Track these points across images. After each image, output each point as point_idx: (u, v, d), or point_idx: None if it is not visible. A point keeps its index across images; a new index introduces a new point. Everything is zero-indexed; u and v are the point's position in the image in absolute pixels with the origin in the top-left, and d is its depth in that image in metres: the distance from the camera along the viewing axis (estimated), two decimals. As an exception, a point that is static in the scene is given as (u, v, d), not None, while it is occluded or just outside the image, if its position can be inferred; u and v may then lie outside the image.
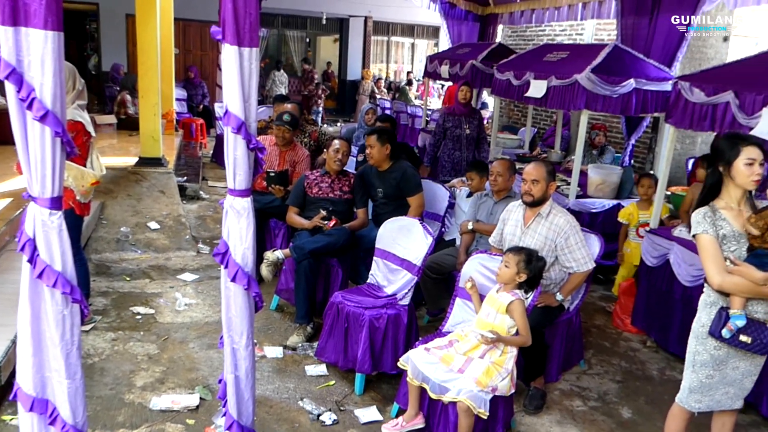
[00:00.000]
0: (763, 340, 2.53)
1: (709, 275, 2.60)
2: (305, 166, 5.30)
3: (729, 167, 2.63)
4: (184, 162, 8.85)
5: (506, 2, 9.12)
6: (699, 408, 2.76)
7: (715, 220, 2.62)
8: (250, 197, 2.29)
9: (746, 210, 2.64)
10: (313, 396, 3.62)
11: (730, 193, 2.66)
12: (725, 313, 2.57)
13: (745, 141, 2.63)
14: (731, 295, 2.58)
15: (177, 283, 5.09)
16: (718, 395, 2.73)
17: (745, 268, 2.51)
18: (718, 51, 7.69)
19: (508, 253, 3.26)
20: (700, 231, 2.62)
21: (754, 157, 2.57)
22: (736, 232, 2.59)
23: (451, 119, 6.52)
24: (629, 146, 7.18)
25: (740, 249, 2.59)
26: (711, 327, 2.61)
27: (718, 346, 2.64)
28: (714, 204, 2.68)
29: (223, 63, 2.12)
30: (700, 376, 2.70)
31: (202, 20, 13.89)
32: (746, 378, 2.71)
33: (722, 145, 2.67)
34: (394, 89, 17.09)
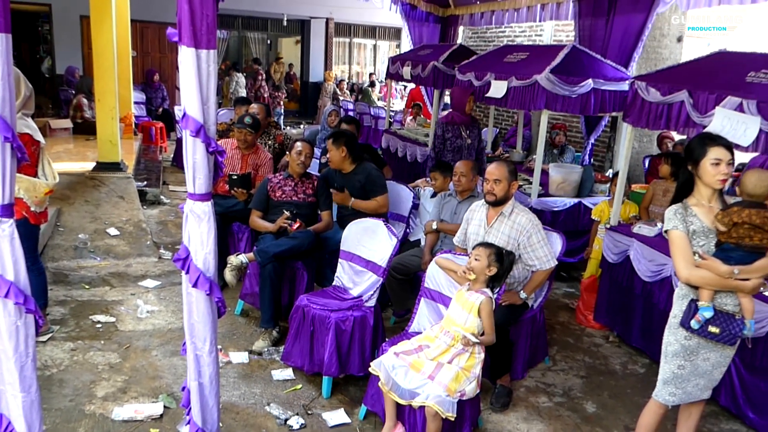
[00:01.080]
0: (731, 331, 2.61)
1: (678, 269, 2.70)
2: (268, 169, 5.24)
3: (697, 166, 2.72)
4: (144, 166, 8.69)
5: (466, 4, 9.19)
6: (673, 401, 2.83)
7: (686, 216, 2.72)
8: (210, 201, 2.25)
9: (717, 207, 2.73)
10: (280, 401, 3.58)
11: (701, 191, 2.76)
12: (694, 305, 2.66)
13: (713, 141, 2.71)
14: (700, 288, 2.67)
15: (138, 290, 4.98)
16: (690, 387, 2.80)
17: (711, 262, 2.61)
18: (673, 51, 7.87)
19: (478, 247, 3.27)
20: (671, 227, 2.72)
21: (721, 157, 2.65)
22: (705, 227, 2.68)
23: (451, 129, 6.14)
24: (589, 145, 7.31)
25: (709, 244, 2.68)
26: (682, 318, 2.71)
27: (688, 336, 2.72)
28: (686, 201, 2.78)
29: (181, 65, 2.08)
30: (672, 367, 2.78)
31: (159, 22, 13.65)
32: (716, 369, 2.79)
33: (692, 145, 2.77)
34: (356, 91, 17.08)
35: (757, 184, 2.73)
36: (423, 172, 7.19)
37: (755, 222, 2.54)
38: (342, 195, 4.64)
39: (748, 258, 2.60)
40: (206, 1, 2.00)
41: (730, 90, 3.55)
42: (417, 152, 8.05)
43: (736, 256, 2.60)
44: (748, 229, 2.55)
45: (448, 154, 6.18)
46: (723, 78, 3.76)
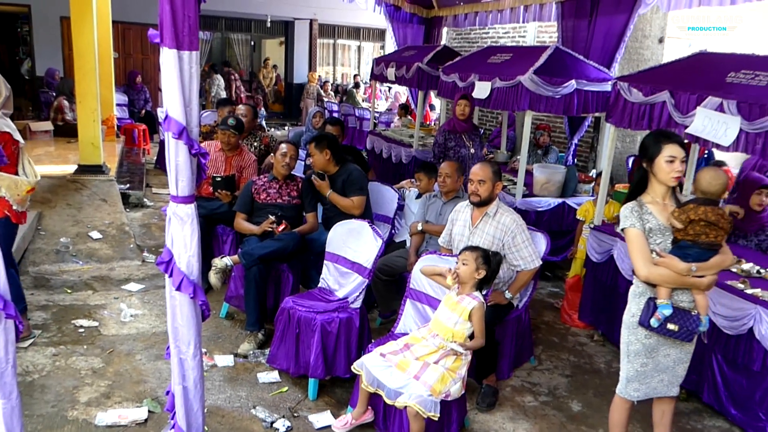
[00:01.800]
0: (688, 328, 2.64)
1: (636, 267, 2.70)
2: (252, 170, 5.22)
3: (652, 164, 2.73)
4: (127, 169, 8.61)
5: (450, 5, 9.21)
6: (638, 396, 2.85)
7: (641, 214, 2.72)
8: (193, 204, 2.24)
9: (671, 204, 2.75)
10: (266, 403, 3.56)
11: (655, 188, 2.77)
12: (653, 303, 2.67)
13: (667, 139, 2.72)
14: (657, 286, 2.68)
15: (122, 294, 4.93)
16: (654, 382, 2.82)
17: (669, 259, 2.63)
18: (654, 52, 7.97)
19: (464, 251, 3.28)
20: (627, 225, 2.72)
21: (675, 154, 2.67)
22: (661, 225, 2.70)
23: (453, 138, 5.81)
24: (572, 146, 7.37)
25: (665, 241, 2.70)
26: (640, 317, 2.72)
27: (648, 335, 2.74)
28: (641, 199, 2.78)
29: (162, 67, 2.07)
30: (636, 365, 2.80)
31: (141, 23, 13.54)
32: (678, 365, 2.81)
33: (647, 142, 2.78)
34: (341, 92, 17.06)
35: (711, 181, 2.74)
36: (408, 173, 7.20)
37: (710, 219, 2.57)
38: (322, 183, 4.62)
39: (704, 255, 2.63)
40: (188, 3, 1.98)
41: (710, 90, 3.59)
42: (402, 153, 8.06)
43: (693, 254, 2.63)
44: (704, 226, 2.58)
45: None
46: (704, 78, 3.81)
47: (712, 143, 3.55)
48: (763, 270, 3.87)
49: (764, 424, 3.33)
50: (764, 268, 3.90)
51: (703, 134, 3.55)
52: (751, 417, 3.43)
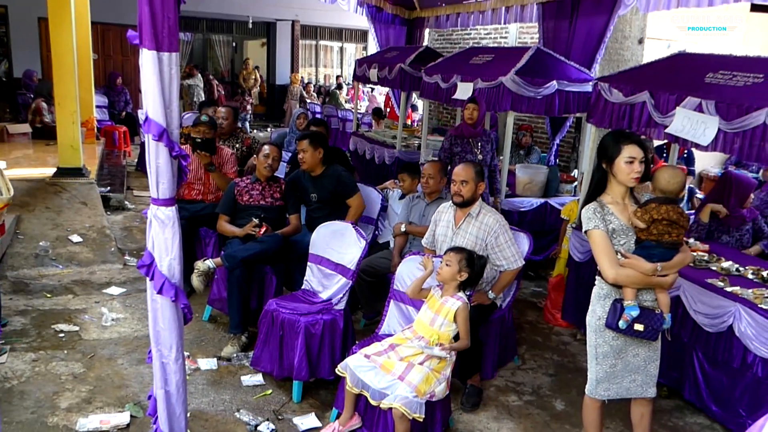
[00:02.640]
0: (653, 326, 2.66)
1: (603, 269, 2.69)
2: (232, 164, 5.18)
3: (611, 164, 2.73)
4: (107, 171, 8.53)
5: (432, 6, 9.24)
6: (608, 396, 2.86)
7: (604, 215, 2.72)
8: (174, 206, 2.22)
9: (630, 204, 2.76)
10: (250, 406, 3.54)
11: (614, 188, 2.77)
12: (620, 305, 2.68)
13: (627, 139, 2.72)
14: (623, 287, 2.69)
15: (103, 298, 4.88)
16: (626, 383, 2.83)
17: (635, 260, 2.64)
18: (634, 53, 8.05)
19: (449, 252, 3.28)
20: (591, 227, 2.71)
21: (634, 155, 2.67)
22: (623, 225, 2.71)
23: (459, 143, 5.48)
24: (554, 146, 7.42)
25: (629, 242, 2.71)
26: (607, 319, 2.71)
27: (615, 336, 2.75)
28: (601, 199, 2.78)
29: (142, 68, 2.05)
30: (605, 367, 2.81)
31: (121, 24, 13.42)
32: (649, 364, 2.83)
33: (606, 143, 2.77)
34: (324, 93, 17.03)
35: (670, 180, 2.77)
36: (391, 174, 7.20)
37: (672, 218, 2.59)
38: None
39: (668, 254, 2.65)
40: (167, 4, 1.96)
41: (689, 91, 3.63)
42: (385, 154, 8.06)
43: (658, 253, 2.64)
44: (666, 225, 2.60)
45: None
46: (683, 79, 3.85)
47: (691, 143, 3.59)
48: (742, 268, 3.92)
49: (744, 420, 3.37)
50: (743, 266, 3.96)
51: (683, 134, 3.59)
52: (731, 413, 3.47)
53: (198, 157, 4.89)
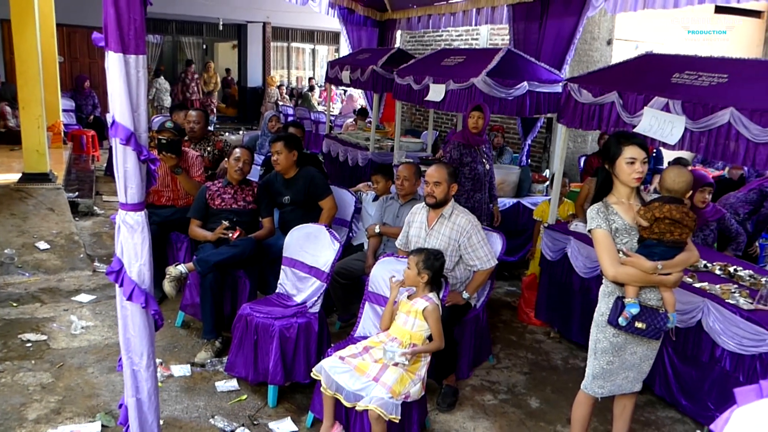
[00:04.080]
0: (656, 326, 2.69)
1: (604, 267, 2.74)
2: (199, 167, 5.09)
3: (613, 165, 2.78)
4: (76, 176, 8.37)
5: (404, 8, 9.26)
6: (602, 393, 2.90)
7: (608, 215, 2.76)
8: (143, 211, 2.18)
9: (636, 204, 2.80)
10: (225, 412, 3.50)
11: (619, 189, 2.81)
12: (621, 303, 2.72)
13: (628, 141, 2.76)
14: (625, 285, 2.72)
15: (72, 306, 4.78)
16: (619, 380, 2.88)
17: (636, 258, 2.68)
18: (603, 54, 8.16)
19: (410, 255, 3.30)
20: (594, 226, 2.75)
21: (635, 156, 2.71)
22: (627, 225, 2.75)
23: (468, 153, 5.18)
24: (526, 146, 7.48)
25: (632, 241, 2.75)
26: (609, 316, 2.75)
27: (616, 333, 2.79)
28: (606, 200, 2.82)
29: (108, 71, 2.01)
30: (602, 363, 2.84)
31: (88, 26, 13.17)
32: (644, 362, 2.88)
33: (609, 144, 2.82)
34: (296, 95, 16.95)
35: (676, 179, 2.81)
36: (365, 176, 7.19)
37: (675, 217, 2.63)
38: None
39: (669, 253, 2.69)
40: (133, 5, 1.93)
41: (656, 91, 3.69)
42: (358, 156, 8.05)
43: (659, 252, 2.68)
44: (668, 224, 2.64)
45: (466, 183, 5.14)
46: (650, 79, 3.91)
47: (659, 142, 3.65)
48: (710, 264, 4.00)
49: (713, 413, 3.43)
50: (711, 262, 4.04)
51: (650, 133, 3.65)
52: (700, 407, 3.54)
53: (163, 159, 4.76)
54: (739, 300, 3.41)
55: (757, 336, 3.18)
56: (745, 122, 3.08)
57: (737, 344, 3.27)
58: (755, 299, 3.41)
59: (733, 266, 3.97)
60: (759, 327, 3.18)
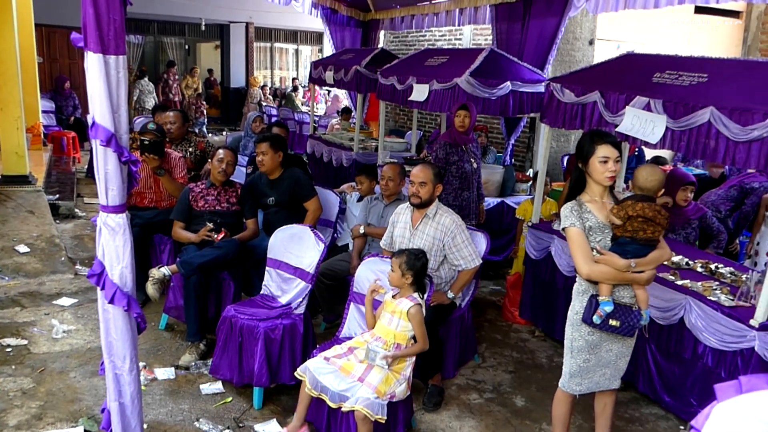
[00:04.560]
0: (630, 323, 2.72)
1: (577, 265, 2.75)
2: (181, 169, 5.04)
3: (587, 164, 2.80)
4: (56, 178, 8.27)
5: (387, 8, 9.26)
6: (580, 390, 2.92)
7: (581, 213, 2.78)
8: (125, 213, 2.16)
9: (609, 202, 2.82)
10: (210, 415, 3.48)
11: (592, 187, 2.83)
12: (595, 301, 2.73)
13: (601, 139, 2.78)
14: (599, 283, 2.74)
15: (53, 310, 4.72)
16: (597, 377, 2.90)
17: (609, 256, 2.70)
18: (585, 54, 8.21)
19: (392, 257, 3.30)
20: (568, 224, 2.77)
21: (608, 155, 2.73)
22: (600, 223, 2.77)
23: (455, 152, 5.21)
24: (509, 146, 7.52)
25: (605, 239, 2.77)
26: (583, 314, 2.77)
27: (591, 331, 2.80)
28: (580, 198, 2.84)
29: (88, 72, 1.98)
30: (578, 361, 2.86)
31: (68, 26, 13.01)
32: (620, 359, 2.90)
33: (582, 143, 2.84)
34: (280, 96, 16.89)
35: (648, 178, 2.83)
36: (349, 176, 7.18)
37: (648, 215, 2.66)
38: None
39: (642, 251, 2.72)
40: (113, 5, 1.91)
41: (638, 90, 3.72)
42: (342, 157, 8.04)
43: (632, 250, 2.71)
44: (641, 222, 2.66)
45: (454, 181, 5.17)
46: (631, 79, 3.94)
47: (640, 141, 3.68)
48: (692, 262, 4.04)
49: (696, 408, 3.47)
50: (692, 260, 4.08)
51: (632, 132, 3.67)
52: (683, 403, 3.58)
53: (146, 161, 4.71)
54: (720, 297, 3.45)
55: (738, 332, 3.22)
56: (725, 121, 3.11)
57: (719, 340, 3.31)
58: (736, 296, 3.46)
59: (714, 264, 4.02)
60: (740, 323, 3.22)
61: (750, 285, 3.45)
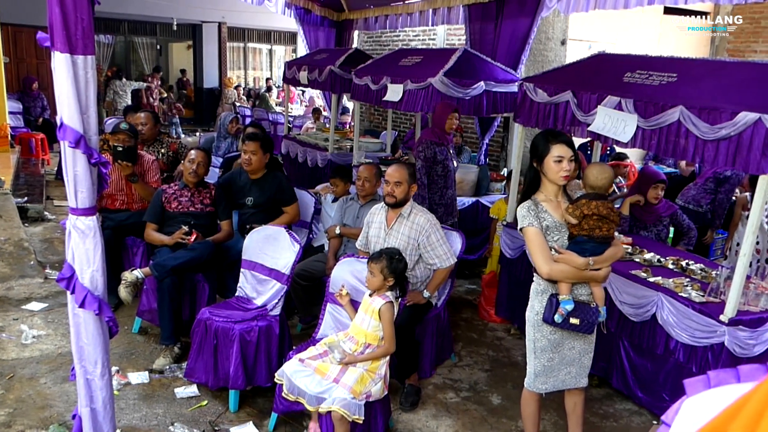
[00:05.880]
0: (589, 320, 2.75)
1: (537, 265, 2.77)
2: (155, 172, 4.96)
3: (541, 163, 2.82)
4: (24, 181, 8.11)
5: (361, 8, 9.25)
6: (546, 389, 2.94)
7: (538, 212, 2.79)
8: (95, 215, 2.12)
9: (563, 201, 2.85)
10: (185, 419, 3.44)
11: (547, 187, 2.85)
12: (555, 300, 2.76)
13: (555, 139, 2.80)
14: (558, 282, 2.77)
15: (22, 314, 4.62)
16: (562, 375, 2.92)
17: (568, 255, 2.73)
18: (558, 54, 8.29)
19: (369, 262, 3.26)
20: (526, 224, 2.78)
21: (563, 154, 2.75)
22: (557, 222, 2.79)
23: (440, 151, 5.20)
24: (484, 145, 7.56)
25: (562, 238, 2.79)
26: (544, 314, 2.79)
27: (553, 330, 2.83)
28: (535, 197, 2.86)
29: (55, 72, 1.94)
30: (542, 360, 2.88)
31: (34, 25, 12.74)
32: (583, 356, 2.92)
33: (536, 142, 2.85)
34: (253, 96, 16.77)
35: (599, 176, 2.88)
36: (324, 177, 7.15)
37: (603, 213, 2.70)
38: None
39: (599, 248, 2.75)
40: (80, 4, 1.87)
41: (609, 90, 3.77)
42: (317, 157, 8.01)
43: (590, 248, 2.74)
44: (596, 220, 2.70)
45: (439, 180, 5.23)
46: (603, 79, 3.99)
47: (612, 140, 3.73)
48: (663, 258, 4.11)
49: (668, 404, 3.49)
50: (664, 257, 4.14)
51: (604, 131, 3.72)
52: (655, 398, 3.63)
53: (119, 168, 4.62)
54: (691, 293, 3.51)
55: (708, 328, 3.28)
56: (694, 120, 3.17)
57: (690, 336, 3.36)
58: (706, 292, 3.52)
59: (685, 260, 4.09)
60: (710, 319, 3.28)
61: (720, 281, 3.52)
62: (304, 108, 15.43)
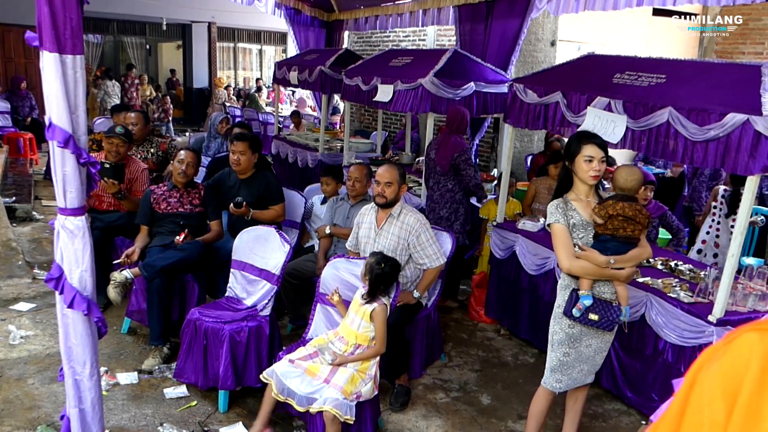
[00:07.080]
0: (609, 317, 2.79)
1: (560, 260, 2.83)
2: (143, 182, 4.89)
3: (573, 163, 2.86)
4: (13, 181, 8.05)
5: (351, 9, 9.25)
6: (560, 388, 2.97)
7: (566, 210, 2.86)
8: (84, 215, 2.10)
9: (594, 201, 2.90)
10: (175, 419, 3.42)
11: (578, 186, 2.91)
12: (575, 294, 2.81)
13: (587, 140, 2.86)
14: (580, 278, 2.82)
15: (10, 315, 4.58)
16: (575, 373, 2.95)
17: (590, 252, 2.78)
18: (547, 55, 8.33)
19: (365, 275, 3.26)
20: (553, 221, 2.85)
21: (593, 154, 2.80)
22: (584, 221, 2.84)
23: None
24: (474, 146, 7.57)
25: (588, 236, 2.85)
26: (564, 307, 2.85)
27: (571, 324, 2.87)
28: (566, 196, 2.92)
29: (44, 72, 1.93)
30: (558, 354, 2.92)
31: (23, 24, 12.67)
32: (597, 354, 2.97)
33: (570, 142, 2.92)
34: (243, 96, 16.72)
35: (627, 178, 2.93)
36: (315, 177, 7.15)
37: (628, 214, 2.73)
38: (241, 210, 4.44)
39: (622, 248, 2.79)
40: (69, 4, 1.86)
41: (599, 91, 3.79)
42: (308, 157, 8.00)
43: (612, 247, 2.78)
44: (621, 220, 2.74)
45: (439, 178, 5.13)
46: (593, 80, 4.01)
47: (601, 141, 3.74)
48: (652, 259, 4.13)
49: (657, 404, 3.54)
50: (653, 257, 4.17)
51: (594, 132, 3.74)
52: (644, 398, 3.65)
53: (106, 186, 4.53)
54: (680, 294, 3.54)
55: (696, 328, 3.31)
56: (683, 121, 3.19)
57: (678, 336, 3.39)
58: (695, 292, 3.55)
59: (674, 261, 4.12)
60: (698, 319, 3.30)
61: (708, 282, 3.55)
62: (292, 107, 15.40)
